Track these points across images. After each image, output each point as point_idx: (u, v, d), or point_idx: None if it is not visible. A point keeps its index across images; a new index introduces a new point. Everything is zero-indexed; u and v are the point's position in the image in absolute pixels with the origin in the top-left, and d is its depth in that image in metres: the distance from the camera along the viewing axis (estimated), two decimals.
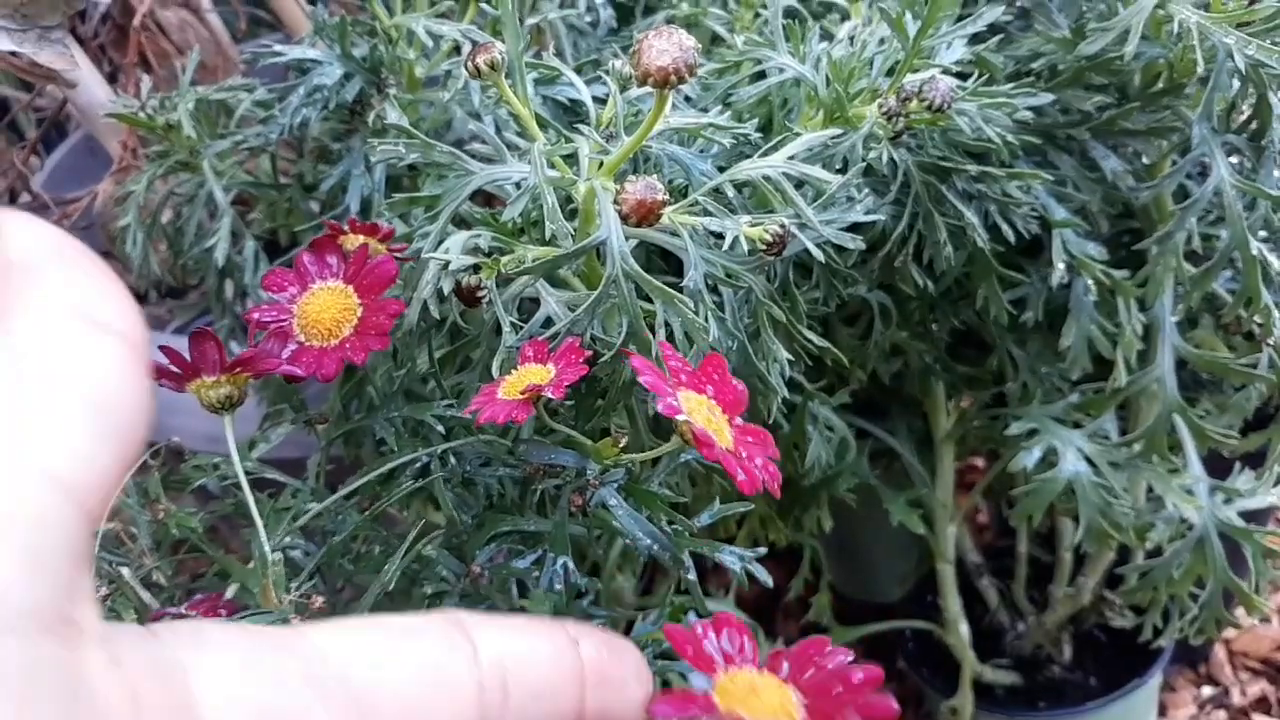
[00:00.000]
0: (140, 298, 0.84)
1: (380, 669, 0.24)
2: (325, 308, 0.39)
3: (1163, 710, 0.94)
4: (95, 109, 0.70)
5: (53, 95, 0.85)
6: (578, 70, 0.53)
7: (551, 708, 0.26)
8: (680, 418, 0.32)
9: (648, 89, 0.36)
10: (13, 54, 0.65)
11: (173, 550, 0.47)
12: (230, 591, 0.40)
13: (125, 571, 0.41)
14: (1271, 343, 0.58)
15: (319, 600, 0.37)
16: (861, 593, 0.95)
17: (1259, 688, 0.96)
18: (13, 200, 0.84)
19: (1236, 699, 0.96)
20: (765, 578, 0.40)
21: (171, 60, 0.76)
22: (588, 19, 0.60)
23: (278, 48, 0.55)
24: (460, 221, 0.43)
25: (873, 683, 0.27)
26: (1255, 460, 0.63)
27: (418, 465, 0.43)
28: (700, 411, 0.33)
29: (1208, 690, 0.97)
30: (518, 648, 0.26)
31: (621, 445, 0.39)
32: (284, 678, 0.23)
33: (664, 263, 0.49)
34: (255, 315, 0.39)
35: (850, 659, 0.28)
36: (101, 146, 0.76)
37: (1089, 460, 0.60)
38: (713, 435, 0.32)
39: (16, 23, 0.63)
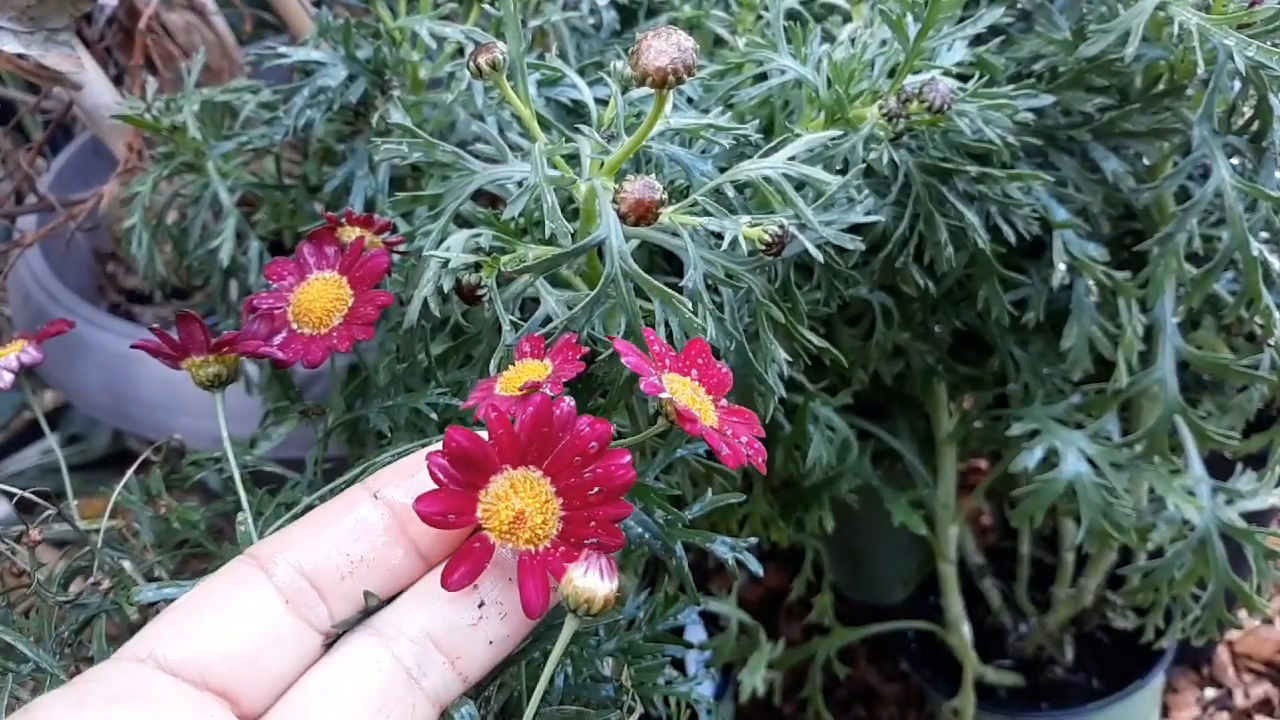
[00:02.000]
0: (146, 298, 0.85)
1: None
2: (318, 297, 0.40)
3: (1165, 712, 0.94)
4: (101, 111, 0.71)
5: (59, 97, 0.86)
6: (580, 72, 0.53)
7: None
8: (663, 395, 0.33)
9: (649, 90, 0.37)
10: (20, 56, 0.65)
11: (175, 547, 0.47)
12: None
13: (127, 565, 0.41)
14: (1273, 344, 0.58)
15: None
16: (864, 594, 0.96)
17: (1262, 690, 0.96)
18: (19, 201, 0.84)
19: (1239, 701, 0.96)
20: (756, 567, 0.41)
21: (177, 62, 0.77)
22: (591, 21, 0.61)
23: (282, 50, 0.55)
24: (463, 220, 0.44)
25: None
26: (1257, 461, 0.63)
27: None
28: (684, 392, 0.34)
29: (1211, 692, 0.97)
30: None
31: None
32: None
33: (666, 264, 0.49)
34: (255, 302, 0.40)
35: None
36: (107, 148, 0.77)
37: (1090, 461, 0.60)
38: (696, 413, 0.33)
39: (23, 25, 0.63)
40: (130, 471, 0.47)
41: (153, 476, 0.50)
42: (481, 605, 0.29)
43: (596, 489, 0.30)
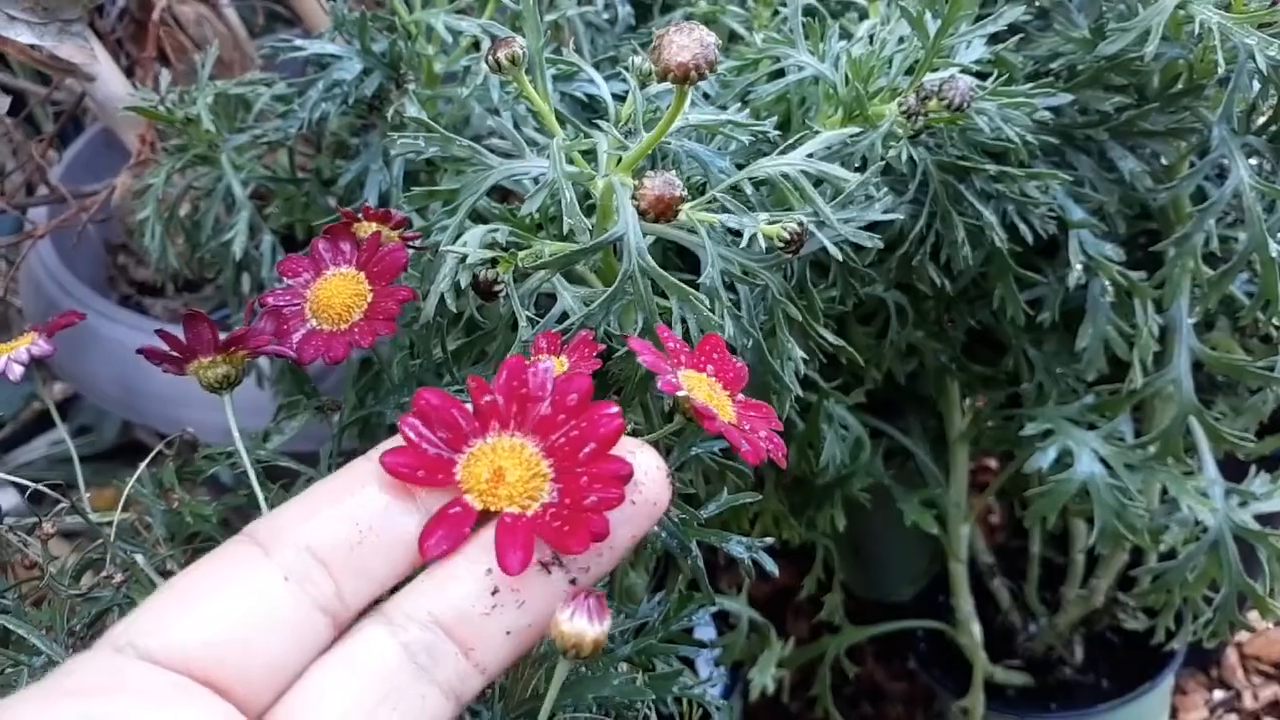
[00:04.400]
0: (157, 290, 0.85)
1: None
2: (337, 292, 0.39)
3: (1174, 713, 0.94)
4: (113, 102, 0.70)
5: (71, 89, 0.86)
6: (596, 67, 0.53)
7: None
8: (680, 393, 0.33)
9: (667, 86, 0.36)
10: (32, 47, 0.65)
11: (187, 540, 0.47)
12: None
13: (140, 559, 0.41)
14: None
15: None
16: (874, 592, 0.95)
17: (1271, 691, 0.96)
18: (30, 193, 0.84)
19: (1248, 703, 0.95)
20: (771, 567, 0.40)
21: (189, 54, 0.76)
22: (606, 16, 0.60)
23: (298, 42, 0.55)
24: (478, 216, 0.43)
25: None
26: (1271, 463, 0.63)
27: None
28: (701, 389, 0.34)
29: (1219, 694, 0.96)
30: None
31: (628, 432, 0.40)
32: None
33: (681, 260, 0.49)
34: (270, 300, 0.40)
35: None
36: (119, 140, 0.77)
37: (1104, 462, 0.60)
38: (714, 410, 0.32)
39: (36, 16, 0.63)
40: (143, 465, 0.47)
41: (165, 469, 0.50)
42: (496, 592, 0.27)
43: (588, 446, 0.28)
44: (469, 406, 0.29)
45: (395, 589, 0.28)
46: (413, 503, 0.28)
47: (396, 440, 0.29)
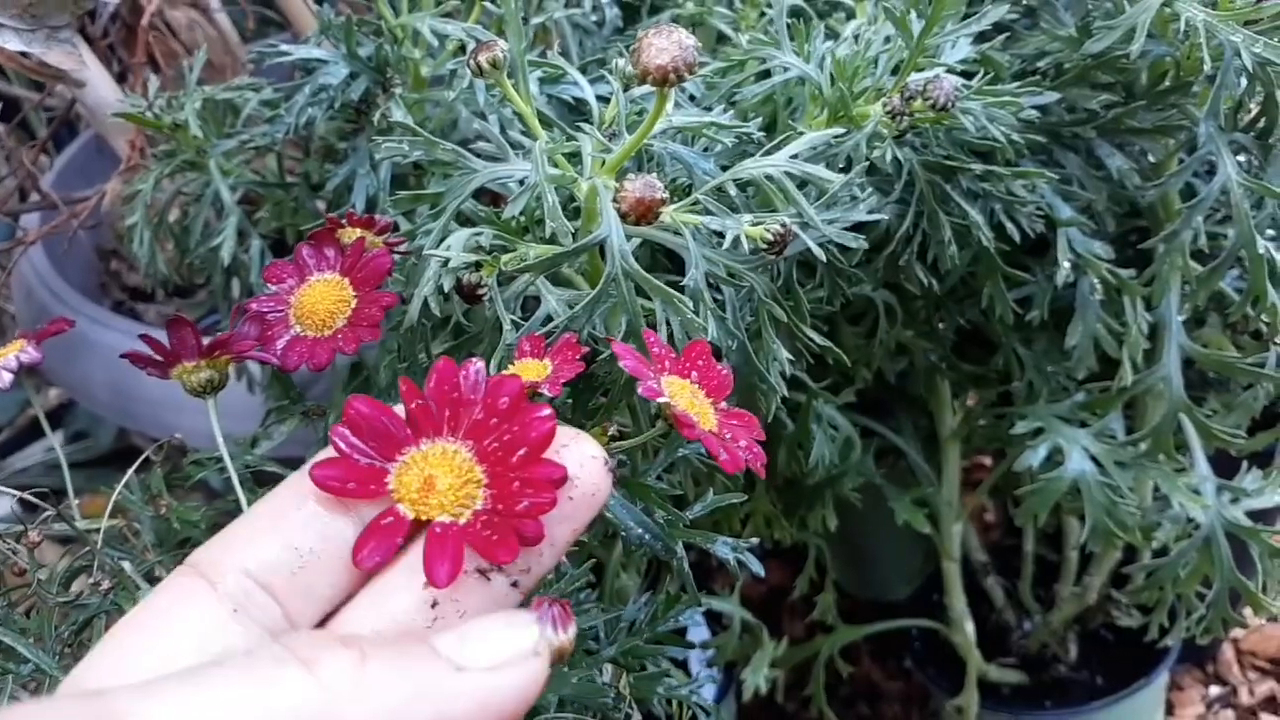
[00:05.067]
0: (148, 296, 0.85)
1: None
2: (321, 299, 0.39)
3: (1170, 709, 0.94)
4: (103, 108, 0.71)
5: (62, 94, 0.86)
6: (583, 69, 0.53)
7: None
8: (661, 400, 0.33)
9: (652, 88, 0.37)
10: (22, 54, 0.65)
11: (177, 546, 0.47)
12: None
13: (127, 566, 0.41)
14: (1278, 341, 0.57)
15: None
16: (867, 591, 0.95)
17: (1267, 687, 0.96)
18: (22, 199, 0.84)
19: (1244, 698, 0.95)
20: (757, 568, 0.40)
21: (180, 60, 0.76)
22: (593, 18, 0.60)
23: (284, 47, 0.55)
24: (464, 219, 0.43)
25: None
26: (1262, 459, 0.63)
27: None
28: (683, 395, 0.34)
29: (1215, 689, 0.96)
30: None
31: (610, 433, 0.40)
32: None
33: (669, 262, 0.49)
34: (254, 306, 0.40)
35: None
36: (110, 146, 0.77)
37: (1095, 459, 0.60)
38: (694, 417, 0.33)
39: (25, 23, 0.63)
40: (131, 471, 0.47)
41: (153, 476, 0.50)
42: (436, 604, 0.26)
43: (520, 450, 0.27)
44: (402, 413, 0.28)
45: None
46: (351, 514, 0.28)
47: (330, 451, 0.28)
